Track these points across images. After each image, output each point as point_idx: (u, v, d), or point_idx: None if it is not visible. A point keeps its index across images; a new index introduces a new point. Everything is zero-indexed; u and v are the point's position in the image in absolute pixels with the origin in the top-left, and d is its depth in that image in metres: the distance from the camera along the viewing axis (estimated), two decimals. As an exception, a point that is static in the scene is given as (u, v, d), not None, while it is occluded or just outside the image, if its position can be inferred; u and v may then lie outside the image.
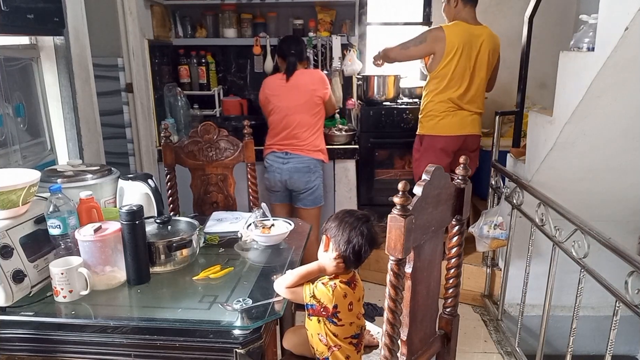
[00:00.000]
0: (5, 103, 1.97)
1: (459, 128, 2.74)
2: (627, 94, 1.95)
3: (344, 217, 1.43)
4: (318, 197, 2.82)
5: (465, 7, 2.68)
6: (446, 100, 2.70)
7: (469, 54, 2.64)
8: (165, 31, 3.25)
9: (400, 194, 1.06)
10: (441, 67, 2.67)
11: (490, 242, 2.68)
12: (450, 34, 2.62)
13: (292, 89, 2.70)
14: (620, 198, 2.50)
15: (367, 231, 1.39)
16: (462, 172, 1.33)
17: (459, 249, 1.38)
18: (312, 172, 2.76)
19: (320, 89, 2.73)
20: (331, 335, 1.44)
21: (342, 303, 1.41)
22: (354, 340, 1.46)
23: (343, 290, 1.41)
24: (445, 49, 2.62)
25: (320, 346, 1.47)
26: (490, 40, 2.69)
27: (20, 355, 1.35)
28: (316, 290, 1.41)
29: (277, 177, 2.75)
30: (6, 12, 1.69)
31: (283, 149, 2.74)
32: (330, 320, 1.42)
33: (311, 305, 1.41)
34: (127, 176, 1.78)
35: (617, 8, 1.72)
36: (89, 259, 1.42)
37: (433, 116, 2.75)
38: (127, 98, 2.78)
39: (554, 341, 2.62)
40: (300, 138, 2.72)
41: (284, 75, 2.72)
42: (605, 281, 1.76)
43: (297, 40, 2.85)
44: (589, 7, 2.52)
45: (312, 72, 2.79)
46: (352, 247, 1.38)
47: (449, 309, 1.45)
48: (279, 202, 2.82)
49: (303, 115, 2.71)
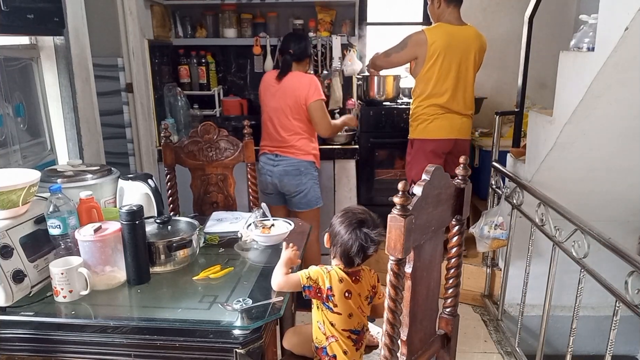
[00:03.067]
0: (5, 103, 1.97)
1: (449, 132, 2.72)
2: (627, 94, 1.95)
3: (343, 219, 1.47)
4: (312, 200, 2.73)
5: (449, 7, 2.65)
6: (434, 103, 2.68)
7: (453, 55, 2.61)
8: (165, 31, 3.25)
9: (400, 194, 1.06)
10: (425, 71, 2.65)
11: (490, 242, 2.68)
12: (431, 36, 2.60)
13: (281, 91, 2.61)
14: (620, 198, 2.50)
15: (357, 238, 1.42)
16: (462, 172, 1.33)
17: (459, 249, 1.38)
18: (302, 174, 2.67)
19: (304, 92, 2.56)
20: (328, 324, 1.47)
21: (337, 287, 1.44)
22: (353, 335, 1.47)
23: (339, 276, 1.46)
24: (428, 52, 2.60)
25: (319, 335, 1.50)
26: (477, 40, 2.67)
27: (20, 355, 1.35)
28: (311, 271, 1.46)
29: (269, 179, 2.70)
30: (6, 12, 1.69)
31: (273, 151, 2.68)
32: (326, 305, 1.46)
33: (308, 287, 1.45)
34: (127, 176, 1.78)
35: (617, 8, 1.72)
36: (89, 259, 1.43)
37: (422, 120, 2.73)
38: (127, 98, 2.78)
39: (554, 341, 2.62)
40: (288, 141, 2.64)
41: (277, 73, 2.64)
42: (605, 281, 1.76)
43: (299, 38, 2.74)
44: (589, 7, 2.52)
45: (302, 76, 2.63)
46: (343, 250, 1.44)
47: (449, 309, 1.45)
48: (274, 204, 2.73)
49: (288, 119, 2.62)
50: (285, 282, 1.44)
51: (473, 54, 2.66)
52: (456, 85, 2.67)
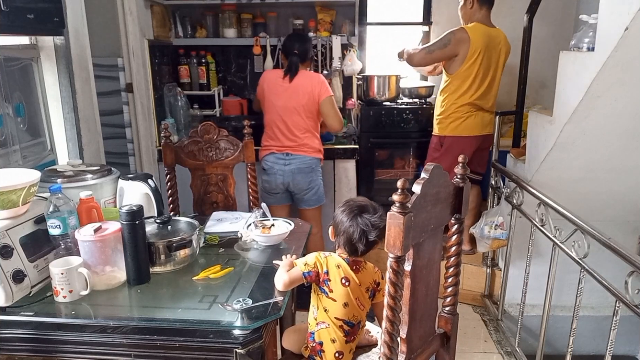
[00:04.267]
0: (5, 103, 1.97)
1: (481, 128, 2.81)
2: (627, 94, 1.95)
3: (344, 207, 1.50)
4: (321, 196, 2.81)
5: (482, 9, 2.71)
6: (468, 101, 2.73)
7: (490, 55, 2.68)
8: (165, 31, 3.25)
9: (399, 191, 1.06)
10: (464, 69, 2.69)
11: (491, 243, 2.68)
12: (473, 35, 2.64)
13: (290, 90, 2.65)
14: (620, 198, 2.50)
15: (358, 224, 1.45)
16: (460, 171, 1.33)
17: (458, 247, 1.38)
18: (313, 171, 2.73)
19: (317, 89, 2.65)
20: (322, 309, 1.48)
21: (333, 271, 1.47)
22: (345, 326, 1.48)
23: (337, 262, 1.48)
24: (469, 51, 2.65)
25: (311, 320, 1.51)
26: (506, 42, 2.75)
27: (20, 355, 1.35)
28: (308, 258, 1.49)
29: (279, 179, 2.70)
30: (6, 12, 1.69)
31: (284, 150, 2.69)
32: (322, 289, 1.48)
33: (308, 273, 1.47)
34: (127, 176, 1.78)
35: (617, 8, 1.72)
36: (89, 259, 1.43)
37: (456, 117, 2.77)
38: (127, 98, 2.78)
39: (554, 341, 2.62)
40: (301, 139, 2.69)
41: (284, 73, 2.67)
42: (605, 281, 1.76)
43: (303, 39, 2.78)
44: (589, 7, 2.52)
45: (312, 75, 2.73)
46: (346, 238, 1.47)
47: (449, 308, 1.45)
48: (278, 204, 2.76)
49: (301, 117, 2.67)
50: (289, 279, 1.45)
51: (503, 56, 2.75)
52: (489, 84, 2.74)
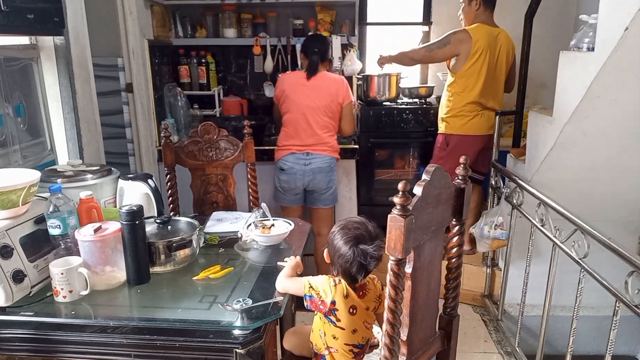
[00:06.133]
0: (5, 103, 1.97)
1: (487, 128, 2.84)
2: (627, 94, 1.95)
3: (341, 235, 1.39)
4: (336, 195, 2.84)
5: (486, 10, 2.76)
6: (474, 100, 2.76)
7: (492, 54, 2.72)
8: (165, 31, 3.25)
9: (400, 193, 1.05)
10: (467, 67, 2.72)
11: (490, 242, 2.68)
12: (475, 35, 2.68)
13: (314, 89, 2.65)
14: (620, 198, 2.50)
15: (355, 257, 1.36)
16: (462, 172, 1.33)
17: (459, 249, 1.38)
18: (332, 170, 2.75)
19: (341, 92, 2.68)
20: (330, 336, 1.44)
21: (341, 302, 1.40)
22: (355, 349, 1.45)
23: (346, 291, 1.40)
24: (471, 50, 2.68)
25: (319, 342, 1.48)
26: (507, 42, 2.78)
27: (20, 355, 1.35)
28: (316, 281, 1.42)
29: (299, 179, 2.67)
30: (6, 12, 1.69)
31: (304, 150, 2.66)
32: (329, 319, 1.41)
33: (310, 297, 1.40)
34: (127, 176, 1.78)
35: (617, 8, 1.72)
36: (89, 259, 1.42)
37: (462, 116, 2.80)
38: (127, 98, 2.78)
39: (554, 341, 2.62)
40: (323, 138, 2.68)
41: (305, 73, 2.68)
42: (605, 281, 1.76)
43: (322, 39, 2.80)
44: (589, 7, 2.52)
45: (335, 77, 2.73)
46: (344, 270, 1.40)
47: (449, 309, 1.45)
48: (292, 204, 2.74)
49: (322, 117, 2.66)
50: (290, 284, 1.43)
51: (506, 55, 2.77)
52: (493, 83, 2.77)
